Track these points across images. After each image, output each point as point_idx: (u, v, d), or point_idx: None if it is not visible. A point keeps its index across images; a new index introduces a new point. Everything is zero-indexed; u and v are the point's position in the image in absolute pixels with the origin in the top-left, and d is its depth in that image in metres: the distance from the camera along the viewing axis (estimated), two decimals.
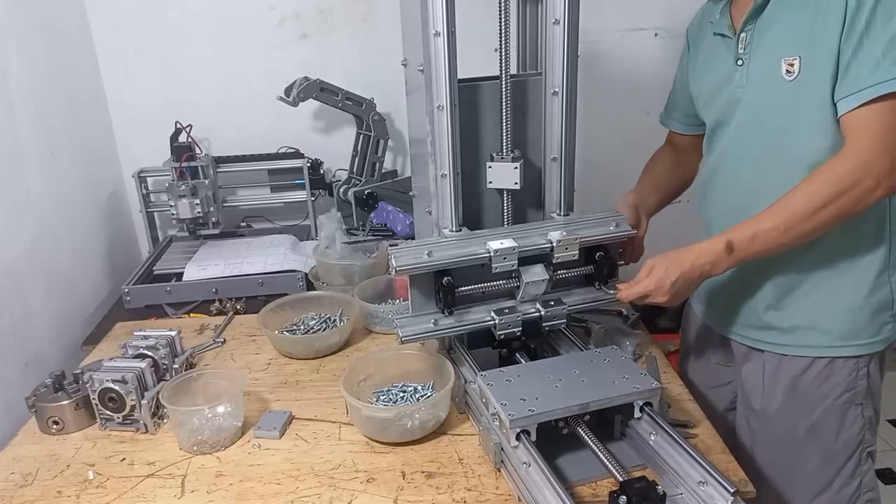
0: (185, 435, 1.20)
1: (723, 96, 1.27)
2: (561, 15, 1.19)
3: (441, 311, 1.24)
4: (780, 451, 1.33)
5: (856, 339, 1.24)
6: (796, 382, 1.28)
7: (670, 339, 2.13)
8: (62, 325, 1.75)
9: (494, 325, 1.24)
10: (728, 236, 1.15)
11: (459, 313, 1.25)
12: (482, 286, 1.24)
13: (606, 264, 1.31)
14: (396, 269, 1.17)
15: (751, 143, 1.24)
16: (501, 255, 1.19)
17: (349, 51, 2.21)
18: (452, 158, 1.22)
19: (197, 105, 2.17)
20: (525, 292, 1.25)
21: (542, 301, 1.28)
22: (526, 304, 1.27)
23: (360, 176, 2.22)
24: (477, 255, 1.20)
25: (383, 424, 1.18)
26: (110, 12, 2.10)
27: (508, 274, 1.24)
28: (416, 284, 1.22)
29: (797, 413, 1.29)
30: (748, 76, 1.21)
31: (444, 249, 1.20)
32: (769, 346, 1.31)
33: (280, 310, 1.58)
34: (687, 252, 1.17)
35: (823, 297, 1.24)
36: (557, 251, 1.22)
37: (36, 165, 1.72)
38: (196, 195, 1.96)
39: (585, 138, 1.36)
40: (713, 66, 1.30)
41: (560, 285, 1.31)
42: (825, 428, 1.28)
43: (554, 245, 1.22)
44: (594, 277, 1.32)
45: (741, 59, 1.22)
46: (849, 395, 1.26)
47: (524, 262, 1.23)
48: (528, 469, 1.03)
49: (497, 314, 1.24)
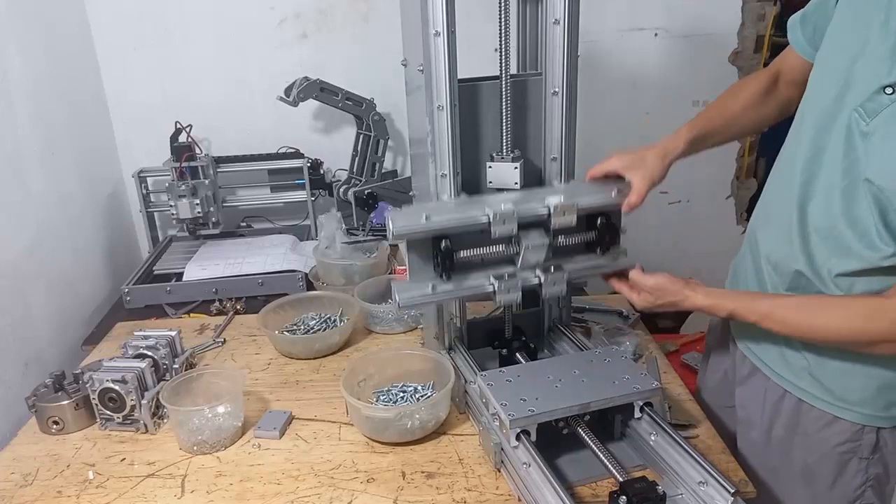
0: (185, 435, 1.20)
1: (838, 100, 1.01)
2: (561, 15, 1.19)
3: (439, 276, 1.19)
4: (775, 480, 1.24)
5: (879, 411, 1.12)
6: (797, 420, 1.18)
7: (670, 339, 2.13)
8: (62, 325, 1.75)
9: (494, 291, 1.20)
10: (734, 307, 1.10)
11: (458, 279, 1.20)
12: (481, 251, 1.20)
13: (608, 231, 1.25)
14: (394, 232, 1.12)
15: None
16: (501, 219, 1.14)
17: (349, 51, 2.21)
18: (452, 158, 1.22)
19: (197, 105, 2.17)
20: (525, 259, 1.20)
21: (542, 268, 1.23)
22: (526, 272, 1.23)
23: (360, 176, 2.22)
24: (476, 219, 1.15)
25: (383, 424, 1.18)
26: (110, 12, 2.10)
27: (508, 239, 1.19)
28: (413, 249, 1.18)
29: (794, 451, 1.19)
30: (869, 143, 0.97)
31: (442, 213, 1.15)
32: (781, 379, 1.19)
33: (280, 310, 1.58)
34: (689, 297, 1.14)
35: (858, 370, 1.11)
36: (555, 217, 1.17)
37: (36, 165, 1.72)
38: (196, 195, 1.96)
39: (585, 138, 1.36)
40: (868, 30, 0.98)
41: (561, 254, 1.25)
42: (821, 473, 1.17)
43: (552, 210, 1.17)
44: (596, 244, 1.26)
45: (891, 89, 0.95)
46: (852, 445, 1.13)
47: (524, 228, 1.18)
48: (528, 469, 1.03)
49: (496, 279, 1.20)
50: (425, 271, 1.20)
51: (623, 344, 1.41)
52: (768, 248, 1.17)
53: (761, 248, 1.19)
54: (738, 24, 2.30)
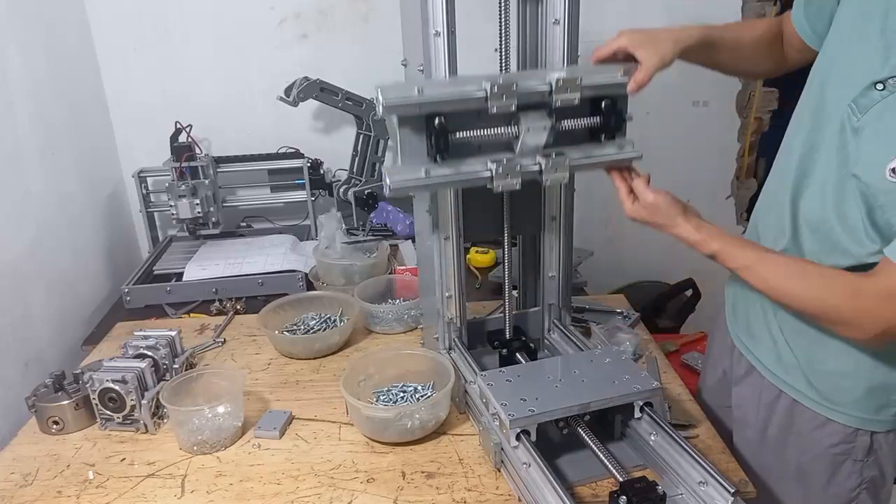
0: (185, 435, 1.20)
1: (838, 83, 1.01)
2: (561, 15, 1.19)
3: (433, 159, 1.11)
4: (770, 479, 1.24)
5: (871, 414, 1.12)
6: (791, 420, 1.17)
7: (670, 339, 2.13)
8: (62, 325, 1.75)
9: (491, 177, 1.12)
10: (719, 247, 1.08)
11: (453, 164, 1.12)
12: (478, 133, 1.12)
13: (613, 115, 1.18)
14: (384, 104, 1.04)
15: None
16: (500, 93, 1.06)
17: (349, 51, 2.21)
18: None
19: (197, 105, 2.17)
20: (524, 143, 1.13)
21: (543, 154, 1.15)
22: (526, 159, 1.15)
23: (360, 176, 2.22)
24: (472, 93, 1.08)
25: (383, 424, 1.18)
26: (110, 12, 2.10)
27: (507, 118, 1.12)
28: (405, 127, 1.10)
29: (788, 451, 1.19)
30: (859, 145, 0.97)
31: (436, 87, 1.09)
32: (776, 379, 1.19)
33: (280, 310, 1.58)
34: (680, 225, 1.11)
35: (849, 372, 1.10)
36: (557, 93, 1.10)
37: (36, 165, 1.72)
38: (196, 195, 1.96)
39: None
40: (867, 24, 0.99)
41: (563, 141, 1.18)
42: (814, 473, 1.16)
43: (553, 86, 1.10)
44: (600, 130, 1.19)
45: (882, 85, 0.95)
46: (846, 447, 1.13)
47: (524, 110, 1.11)
48: (528, 469, 1.03)
49: (495, 164, 1.12)
50: (418, 155, 1.12)
51: (623, 344, 1.41)
52: (765, 240, 1.18)
53: (761, 241, 1.19)
54: None
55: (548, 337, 1.43)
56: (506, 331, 1.38)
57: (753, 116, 2.50)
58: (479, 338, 1.41)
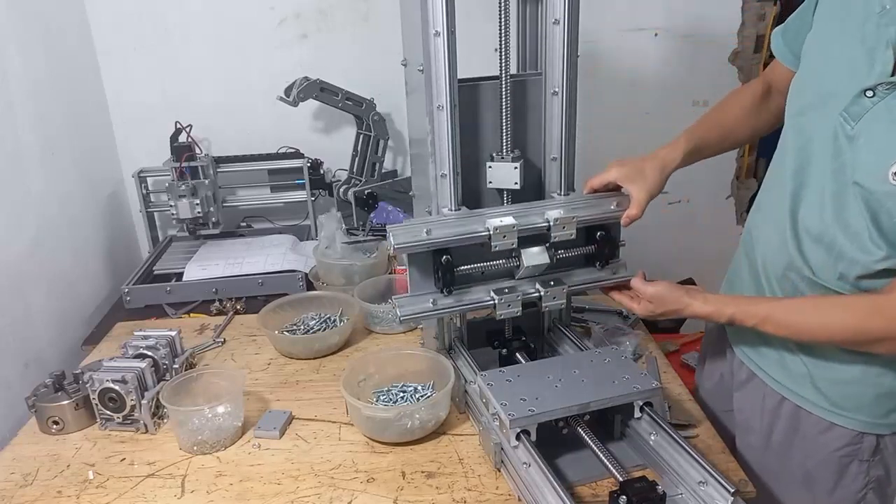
0: (185, 435, 1.20)
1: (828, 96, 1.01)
2: (561, 15, 1.19)
3: (440, 290, 1.22)
4: (776, 484, 1.24)
5: (877, 418, 1.12)
6: (797, 425, 1.17)
7: (670, 339, 2.13)
8: (62, 325, 1.75)
9: (494, 306, 1.22)
10: (733, 311, 1.09)
11: (458, 293, 1.23)
12: (481, 265, 1.22)
13: (608, 244, 1.27)
14: (395, 246, 1.15)
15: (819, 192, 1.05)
16: (501, 233, 1.17)
17: (349, 51, 2.21)
18: (452, 158, 1.22)
19: (197, 105, 2.16)
20: (525, 272, 1.23)
21: (541, 281, 1.26)
22: (526, 285, 1.25)
23: (360, 176, 2.22)
24: (476, 233, 1.18)
25: (383, 424, 1.18)
26: (110, 12, 2.10)
27: (508, 253, 1.21)
28: (414, 263, 1.21)
29: (794, 456, 1.19)
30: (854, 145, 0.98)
31: (442, 227, 1.18)
32: (779, 386, 1.19)
33: (280, 310, 1.58)
34: (689, 305, 1.13)
35: (858, 379, 1.10)
36: (555, 230, 1.20)
37: (36, 165, 1.72)
38: (196, 195, 1.96)
39: (585, 138, 1.36)
40: (844, 36, 1.00)
41: (561, 266, 1.28)
42: (821, 478, 1.16)
43: (551, 224, 1.19)
44: (595, 257, 1.29)
45: (872, 92, 0.95)
46: (851, 448, 1.13)
47: (525, 242, 1.21)
48: (528, 469, 1.03)
49: (496, 294, 1.22)
50: (426, 284, 1.22)
51: (623, 344, 1.41)
52: (764, 253, 1.17)
53: (757, 254, 1.19)
54: (738, 24, 2.30)
55: (548, 337, 1.43)
56: (506, 331, 1.38)
57: None
58: (479, 338, 1.41)
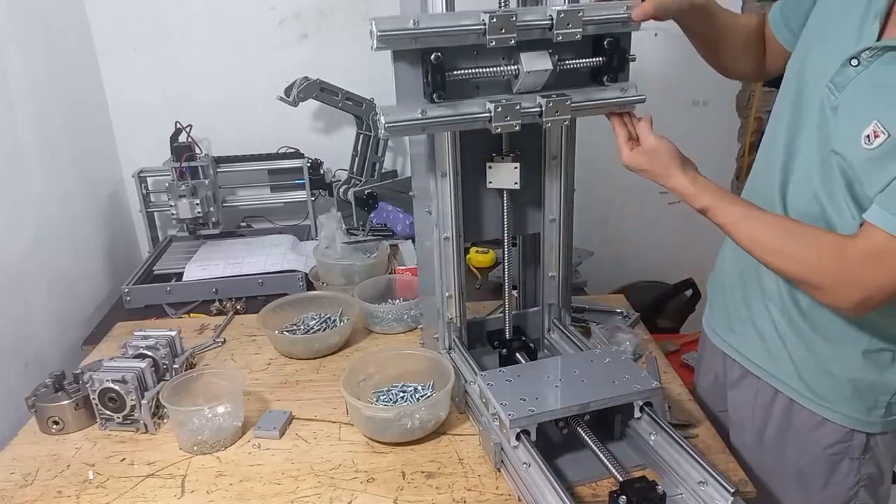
0: (185, 435, 1.20)
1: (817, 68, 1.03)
2: None
3: (430, 98, 1.08)
4: (770, 482, 1.24)
5: (853, 412, 1.12)
6: (789, 421, 1.17)
7: (670, 339, 2.13)
8: (62, 325, 1.75)
9: (490, 118, 1.09)
10: (710, 202, 1.06)
11: (451, 105, 1.09)
12: (475, 71, 1.09)
13: (616, 55, 1.14)
14: (377, 35, 1.01)
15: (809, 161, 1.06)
16: (498, 25, 1.03)
17: (349, 51, 2.21)
18: (452, 158, 1.22)
19: (197, 105, 2.17)
20: (524, 82, 1.11)
21: (543, 95, 1.12)
22: (526, 101, 1.12)
23: (360, 176, 2.22)
24: (470, 26, 1.05)
25: (383, 424, 1.18)
26: (110, 12, 2.10)
27: (506, 53, 1.09)
28: (400, 62, 1.07)
29: (787, 453, 1.18)
30: (837, 116, 0.98)
31: (432, 19, 1.05)
32: (771, 378, 1.18)
33: (280, 310, 1.58)
34: (674, 177, 1.09)
35: (833, 367, 1.11)
36: (558, 27, 1.07)
37: (36, 165, 1.72)
38: (196, 195, 1.96)
39: (585, 138, 1.36)
40: (841, 9, 1.01)
41: (564, 84, 1.15)
42: (813, 475, 1.16)
43: (555, 20, 1.06)
44: (602, 71, 1.16)
45: (856, 61, 0.96)
46: (842, 446, 1.13)
47: (524, 48, 1.09)
48: (528, 469, 1.03)
49: (493, 104, 1.09)
50: (414, 94, 1.09)
51: (623, 344, 1.41)
52: None
53: None
54: None
55: (548, 337, 1.43)
56: (506, 331, 1.38)
57: (753, 116, 2.50)
58: (479, 338, 1.41)
